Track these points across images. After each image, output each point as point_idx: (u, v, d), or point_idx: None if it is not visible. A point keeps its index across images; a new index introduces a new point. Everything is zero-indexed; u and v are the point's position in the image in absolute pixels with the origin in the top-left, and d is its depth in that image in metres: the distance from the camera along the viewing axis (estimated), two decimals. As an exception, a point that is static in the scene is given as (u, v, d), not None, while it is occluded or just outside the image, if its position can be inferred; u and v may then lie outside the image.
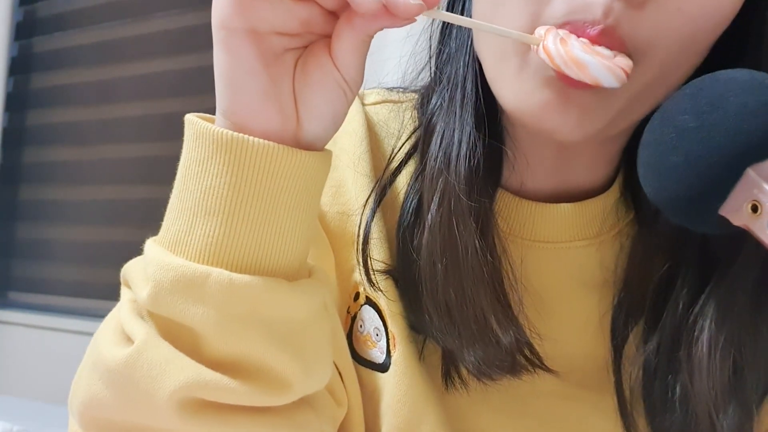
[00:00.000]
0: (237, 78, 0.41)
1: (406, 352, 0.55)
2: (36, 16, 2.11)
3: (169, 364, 0.41)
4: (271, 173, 0.42)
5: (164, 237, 0.44)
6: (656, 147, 0.42)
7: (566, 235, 0.57)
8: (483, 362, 0.53)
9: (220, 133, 0.41)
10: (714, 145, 0.39)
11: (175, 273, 0.41)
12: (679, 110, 0.42)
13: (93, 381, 0.44)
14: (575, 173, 0.57)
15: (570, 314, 0.57)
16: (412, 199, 0.55)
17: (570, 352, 0.57)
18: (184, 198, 0.43)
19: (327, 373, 0.47)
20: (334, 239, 0.57)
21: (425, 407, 0.55)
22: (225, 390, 0.41)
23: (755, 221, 0.39)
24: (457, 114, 0.53)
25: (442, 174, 0.52)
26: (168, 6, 1.85)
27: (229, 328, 0.41)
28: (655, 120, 0.43)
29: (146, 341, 0.42)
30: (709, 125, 0.40)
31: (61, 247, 1.98)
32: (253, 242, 0.42)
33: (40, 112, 2.08)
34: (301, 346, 0.44)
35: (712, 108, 0.40)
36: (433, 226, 0.52)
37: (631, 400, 0.56)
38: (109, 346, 0.44)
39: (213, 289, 0.41)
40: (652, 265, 0.56)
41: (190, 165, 0.43)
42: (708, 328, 0.51)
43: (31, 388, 1.85)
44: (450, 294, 0.52)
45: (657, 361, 0.54)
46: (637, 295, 0.56)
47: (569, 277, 0.57)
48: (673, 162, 0.41)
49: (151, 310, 0.42)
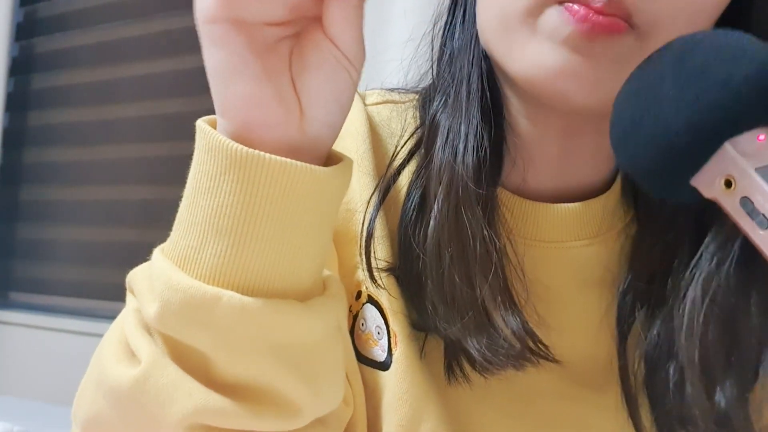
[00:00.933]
0: (230, 73, 0.39)
1: (407, 351, 0.55)
2: (36, 16, 2.11)
3: (177, 390, 0.40)
4: (287, 193, 0.40)
5: (173, 251, 0.42)
6: (632, 112, 0.41)
7: (567, 235, 0.57)
8: (488, 350, 0.53)
9: (233, 150, 0.39)
10: (693, 116, 0.38)
11: (184, 295, 0.39)
12: (659, 75, 0.40)
13: (97, 398, 0.44)
14: (578, 170, 0.57)
15: (571, 313, 0.58)
16: (414, 195, 0.55)
17: (572, 350, 0.57)
18: (195, 213, 0.41)
19: (339, 394, 0.46)
20: (336, 238, 0.57)
21: (426, 405, 0.55)
22: (233, 417, 0.41)
23: (727, 197, 0.38)
24: (464, 108, 0.54)
25: (450, 165, 0.53)
26: (168, 7, 1.85)
27: (239, 353, 0.40)
28: (632, 81, 0.41)
29: (153, 363, 0.41)
30: (690, 96, 0.38)
31: (61, 248, 1.98)
32: (265, 263, 0.40)
33: (41, 112, 2.08)
34: (313, 370, 0.42)
35: (694, 78, 0.38)
36: (439, 216, 0.52)
37: (636, 392, 0.56)
38: (114, 365, 0.43)
39: (223, 313, 0.39)
40: (652, 262, 0.56)
41: (201, 178, 0.40)
42: (697, 307, 0.52)
43: (31, 388, 1.85)
44: (455, 281, 0.52)
45: (657, 350, 0.55)
46: (639, 291, 0.56)
47: (570, 276, 0.58)
48: (649, 131, 0.39)
49: (159, 329, 0.41)
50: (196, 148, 0.41)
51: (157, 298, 0.40)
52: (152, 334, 0.42)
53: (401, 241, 0.56)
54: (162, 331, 0.41)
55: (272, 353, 0.41)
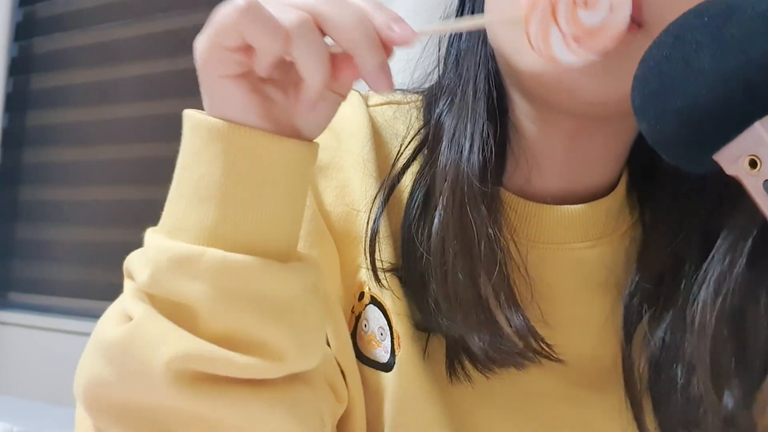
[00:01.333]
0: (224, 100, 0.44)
1: (410, 352, 0.55)
2: (36, 16, 2.11)
3: (166, 337, 0.43)
4: (260, 160, 0.44)
5: (162, 225, 0.46)
6: (662, 80, 0.39)
7: (571, 237, 0.57)
8: (490, 347, 0.53)
9: (213, 123, 0.43)
10: (728, 92, 0.36)
11: (171, 253, 0.43)
12: (695, 42, 0.38)
13: (95, 360, 0.45)
14: (583, 173, 0.57)
15: (574, 314, 0.58)
16: (418, 194, 0.56)
17: (575, 351, 0.57)
18: (180, 188, 0.45)
19: (319, 350, 0.48)
20: (339, 239, 0.57)
21: (428, 406, 0.55)
22: (220, 361, 0.43)
23: (750, 177, 0.37)
24: (470, 107, 0.54)
25: (455, 164, 0.53)
26: (168, 7, 1.85)
27: (224, 303, 0.43)
28: (664, 43, 0.39)
29: (145, 316, 0.43)
30: (727, 70, 0.36)
31: (60, 248, 1.98)
32: (245, 226, 0.44)
33: (40, 112, 2.08)
34: (293, 321, 0.45)
35: (734, 52, 0.36)
36: (444, 214, 0.53)
37: (640, 393, 0.56)
38: (109, 326, 0.45)
39: (207, 265, 0.42)
40: (659, 265, 0.56)
41: (186, 155, 0.45)
42: (709, 307, 0.52)
43: (30, 388, 1.85)
44: (458, 278, 0.53)
45: (664, 352, 0.55)
46: (646, 293, 0.56)
47: (574, 278, 0.58)
48: (678, 105, 0.38)
49: (150, 290, 0.44)
50: (183, 133, 0.46)
51: (149, 263, 0.44)
52: (145, 300, 0.45)
53: (405, 240, 0.56)
54: (153, 292, 0.44)
55: (254, 303, 0.43)
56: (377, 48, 0.42)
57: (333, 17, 0.41)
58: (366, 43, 0.41)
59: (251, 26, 0.40)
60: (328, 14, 0.41)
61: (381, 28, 0.42)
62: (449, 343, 0.56)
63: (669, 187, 0.57)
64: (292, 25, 0.41)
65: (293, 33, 0.41)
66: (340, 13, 0.41)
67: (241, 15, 0.40)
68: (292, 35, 0.41)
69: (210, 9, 0.42)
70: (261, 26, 0.40)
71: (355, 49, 0.41)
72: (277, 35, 0.40)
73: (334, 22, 0.41)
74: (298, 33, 0.41)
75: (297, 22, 0.41)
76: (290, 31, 0.40)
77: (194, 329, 0.43)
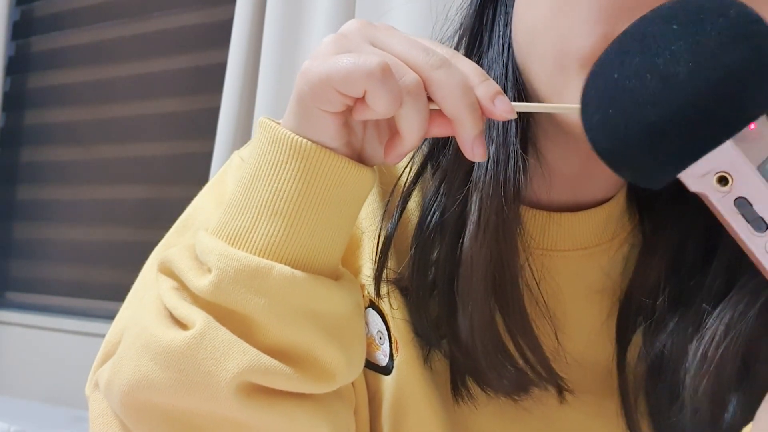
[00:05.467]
0: (316, 126, 0.44)
1: (409, 357, 0.55)
2: (33, 15, 2.11)
3: (231, 348, 0.43)
4: (339, 184, 0.45)
5: (222, 231, 0.46)
6: (624, 93, 0.35)
7: (572, 244, 0.57)
8: (495, 371, 0.53)
9: (299, 142, 0.44)
10: (701, 106, 0.33)
11: (239, 264, 0.43)
12: (657, 46, 0.35)
13: (143, 362, 0.45)
14: (593, 187, 0.57)
15: (572, 320, 0.58)
16: (433, 213, 0.54)
17: (576, 357, 0.57)
18: (251, 196, 0.45)
19: (361, 365, 0.49)
20: None
21: (426, 410, 0.55)
22: (281, 375, 0.43)
23: (719, 193, 0.35)
24: (499, 126, 0.52)
25: (477, 181, 0.51)
26: (166, 6, 1.84)
27: (285, 318, 0.44)
28: (629, 51, 0.36)
29: (208, 325, 0.44)
30: (700, 84, 0.33)
31: (58, 247, 1.98)
32: (310, 244, 0.45)
33: (37, 111, 2.07)
34: (343, 338, 0.46)
35: (708, 60, 0.33)
36: (475, 233, 0.51)
37: (635, 400, 0.56)
38: (164, 330, 0.45)
39: (275, 282, 0.43)
40: (656, 271, 0.56)
41: (262, 166, 0.45)
42: (717, 327, 0.51)
43: (28, 388, 1.85)
44: (477, 300, 0.52)
45: (660, 366, 0.55)
46: (643, 299, 0.56)
47: (573, 284, 0.58)
48: (646, 119, 0.35)
49: (211, 298, 0.44)
50: (256, 141, 0.46)
51: (212, 269, 0.44)
52: (202, 307, 0.45)
53: (415, 257, 0.55)
54: (213, 300, 0.44)
55: (314, 320, 0.45)
56: (478, 118, 0.42)
57: (442, 85, 0.42)
58: (469, 114, 0.42)
59: (378, 92, 0.41)
60: (437, 80, 0.42)
61: (483, 99, 0.42)
62: (453, 365, 0.56)
63: (667, 192, 0.57)
64: (407, 90, 0.41)
65: (406, 98, 0.41)
66: (448, 81, 0.42)
67: (372, 77, 0.40)
68: (404, 100, 0.41)
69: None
70: (386, 93, 0.41)
71: (458, 117, 0.42)
72: (395, 103, 0.41)
73: (443, 92, 0.42)
74: (410, 99, 0.42)
75: (413, 88, 0.41)
76: (405, 96, 0.41)
77: (251, 340, 0.44)
